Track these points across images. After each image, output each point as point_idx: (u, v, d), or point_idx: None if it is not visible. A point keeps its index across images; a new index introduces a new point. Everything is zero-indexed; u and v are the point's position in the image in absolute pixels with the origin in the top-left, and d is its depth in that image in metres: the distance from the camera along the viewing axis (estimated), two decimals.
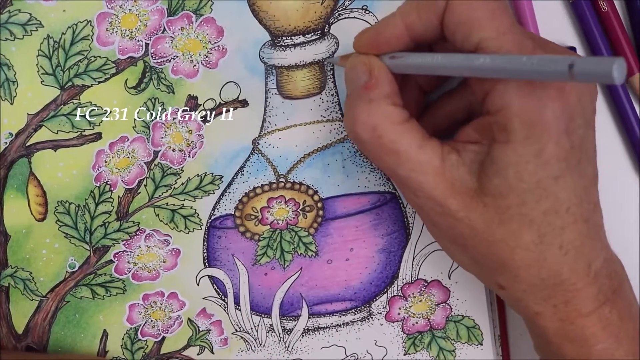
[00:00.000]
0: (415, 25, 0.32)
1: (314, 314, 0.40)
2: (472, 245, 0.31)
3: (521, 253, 0.30)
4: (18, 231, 0.38)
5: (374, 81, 0.32)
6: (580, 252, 0.31)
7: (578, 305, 0.31)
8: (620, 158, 0.41)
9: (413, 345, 0.41)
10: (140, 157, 0.38)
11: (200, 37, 0.37)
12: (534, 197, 0.30)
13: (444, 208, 0.31)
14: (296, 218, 0.39)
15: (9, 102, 0.37)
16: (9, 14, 0.36)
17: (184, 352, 0.40)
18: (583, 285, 0.31)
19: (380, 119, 0.31)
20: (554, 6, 0.40)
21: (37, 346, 0.39)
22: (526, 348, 0.42)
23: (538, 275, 0.31)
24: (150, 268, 0.39)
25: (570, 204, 0.30)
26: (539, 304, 0.32)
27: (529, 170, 0.29)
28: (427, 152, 0.31)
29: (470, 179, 0.31)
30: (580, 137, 0.30)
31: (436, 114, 0.37)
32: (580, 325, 0.31)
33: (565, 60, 0.25)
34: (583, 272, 0.31)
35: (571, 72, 0.25)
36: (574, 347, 0.32)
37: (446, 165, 0.31)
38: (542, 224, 0.30)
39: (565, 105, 0.29)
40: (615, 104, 0.40)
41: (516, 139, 0.29)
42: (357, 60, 0.33)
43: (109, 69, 0.37)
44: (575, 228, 0.30)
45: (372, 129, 0.31)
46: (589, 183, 0.31)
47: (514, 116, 0.29)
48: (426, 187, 0.31)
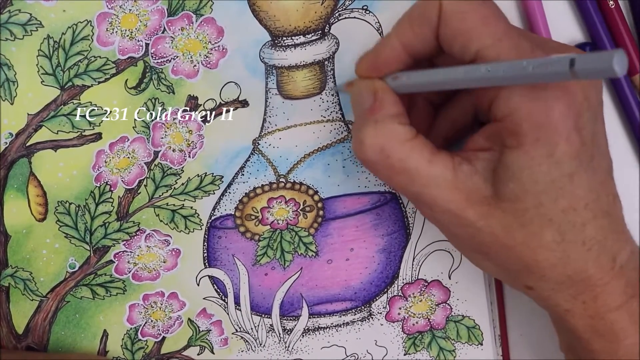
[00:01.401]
0: (411, 42, 0.32)
1: (314, 314, 0.40)
2: (495, 251, 0.31)
3: (544, 253, 0.30)
4: (18, 231, 0.38)
5: (379, 103, 0.32)
6: (604, 246, 0.31)
7: (607, 300, 0.31)
8: (624, 153, 0.41)
9: (413, 345, 0.41)
10: (140, 158, 0.38)
11: (200, 37, 0.37)
12: (551, 197, 0.29)
13: (462, 219, 0.31)
14: (296, 218, 0.39)
15: (9, 102, 0.37)
16: (9, 14, 0.36)
17: (184, 352, 0.40)
18: (610, 279, 0.31)
19: (386, 139, 0.31)
20: (559, 4, 0.40)
21: (38, 346, 0.39)
22: (526, 348, 0.42)
23: (564, 272, 0.31)
24: (150, 268, 0.39)
25: (588, 200, 0.30)
26: (569, 301, 0.32)
27: (542, 171, 0.29)
28: (437, 166, 0.31)
29: (484, 187, 0.31)
30: (591, 131, 0.30)
31: (443, 123, 0.37)
32: (610, 320, 0.31)
33: (564, 60, 0.25)
34: (608, 266, 0.31)
35: (572, 71, 0.25)
36: (603, 342, 0.32)
37: (459, 176, 0.31)
38: (562, 222, 0.30)
39: (571, 103, 0.29)
40: (619, 99, 0.40)
41: (527, 142, 0.29)
42: (361, 85, 0.33)
43: (109, 69, 0.37)
44: (596, 223, 0.30)
45: (380, 150, 0.31)
46: (604, 176, 0.31)
47: (522, 120, 0.29)
48: (441, 201, 0.31)
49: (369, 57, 0.33)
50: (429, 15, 0.31)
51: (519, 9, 0.40)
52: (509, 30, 0.30)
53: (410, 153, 0.31)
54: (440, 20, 0.30)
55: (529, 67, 0.27)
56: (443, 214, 0.32)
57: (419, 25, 0.31)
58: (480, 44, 0.29)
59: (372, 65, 0.33)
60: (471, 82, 0.29)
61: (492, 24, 0.30)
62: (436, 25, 0.31)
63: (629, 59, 0.39)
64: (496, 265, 0.33)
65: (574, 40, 0.40)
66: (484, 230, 0.31)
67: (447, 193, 0.31)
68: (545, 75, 0.26)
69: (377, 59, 0.33)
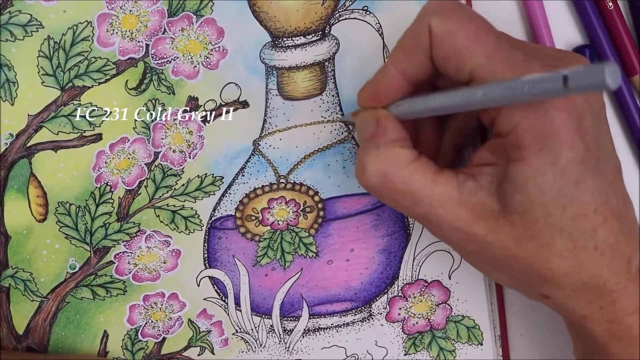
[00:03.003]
0: (408, 69, 0.32)
1: (314, 315, 0.40)
2: (508, 264, 0.31)
3: (557, 262, 0.30)
4: (19, 232, 0.38)
5: (381, 129, 0.32)
6: (616, 250, 0.30)
7: (624, 304, 0.31)
8: (624, 154, 0.41)
9: (413, 346, 0.41)
10: (140, 158, 0.38)
11: (200, 38, 0.37)
12: (559, 205, 0.29)
13: (471, 235, 0.31)
14: (297, 219, 0.39)
15: (10, 103, 0.37)
16: (9, 14, 0.36)
17: (185, 352, 0.40)
18: (626, 282, 0.31)
19: (388, 163, 0.31)
20: (558, 6, 0.40)
21: (38, 347, 0.39)
22: (526, 348, 0.42)
23: (579, 279, 0.31)
24: (150, 269, 0.39)
25: (597, 204, 0.30)
26: (585, 307, 0.31)
27: (548, 180, 0.29)
28: (442, 185, 0.31)
29: (491, 202, 0.31)
30: (594, 135, 0.30)
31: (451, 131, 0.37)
32: (628, 324, 0.31)
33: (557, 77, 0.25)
34: (623, 269, 0.31)
35: (566, 87, 0.25)
36: (621, 346, 0.32)
37: (464, 193, 0.31)
38: (573, 229, 0.30)
39: (572, 109, 0.29)
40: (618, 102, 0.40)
41: (530, 154, 0.29)
42: (365, 113, 0.34)
43: (110, 70, 0.37)
44: (607, 227, 0.30)
45: (383, 175, 0.31)
46: (612, 178, 0.31)
47: (525, 133, 0.29)
48: (448, 219, 0.31)
49: (369, 87, 0.34)
50: (421, 39, 0.31)
51: (520, 10, 0.40)
52: (499, 44, 0.29)
53: (412, 175, 0.31)
54: (431, 44, 0.30)
55: (524, 87, 0.27)
56: (452, 231, 0.31)
57: (413, 51, 0.31)
58: (473, 63, 0.29)
59: (373, 96, 0.33)
60: (471, 105, 0.29)
61: (483, 41, 0.29)
62: (429, 49, 0.31)
63: (628, 59, 0.40)
64: (510, 277, 0.33)
65: (573, 42, 0.40)
66: (494, 244, 0.31)
67: (453, 211, 0.31)
68: (539, 92, 0.26)
69: (377, 90, 0.33)
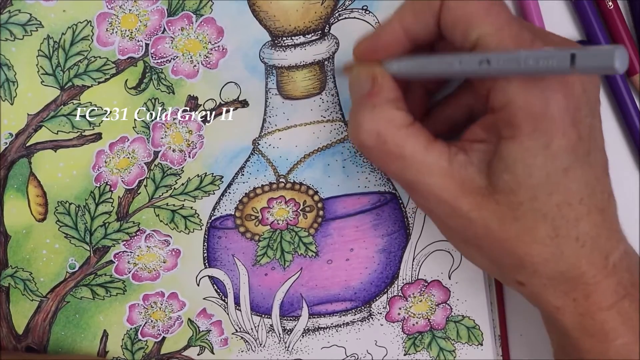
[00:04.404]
0: (412, 27, 0.32)
1: (314, 314, 0.40)
2: (488, 244, 0.31)
3: (538, 248, 0.30)
4: (18, 231, 0.38)
5: (377, 88, 0.32)
6: (597, 243, 0.31)
7: (598, 298, 0.31)
8: (621, 154, 0.41)
9: (413, 346, 0.41)
10: (140, 158, 0.38)
11: (200, 38, 0.37)
12: (545, 190, 0.29)
13: (456, 209, 0.31)
14: (296, 218, 0.39)
15: (9, 103, 0.37)
16: (9, 14, 0.36)
17: (184, 352, 0.40)
18: (602, 277, 0.31)
19: (384, 124, 0.31)
20: (556, 5, 0.40)
21: (37, 346, 0.39)
22: (526, 348, 0.42)
23: (557, 268, 0.31)
24: (150, 268, 0.39)
25: (582, 195, 0.30)
26: (560, 297, 0.31)
27: (537, 164, 0.29)
28: (433, 153, 0.31)
29: (479, 178, 0.30)
30: (588, 126, 0.30)
31: (438, 117, 0.37)
32: (600, 319, 0.31)
33: (565, 54, 0.25)
34: (601, 264, 0.31)
35: (573, 65, 0.25)
36: (593, 342, 0.31)
37: (454, 165, 0.31)
38: (556, 217, 0.30)
39: (569, 95, 0.29)
40: (616, 100, 0.40)
41: (523, 134, 0.29)
42: (360, 69, 0.33)
43: (109, 69, 0.37)
44: (590, 219, 0.30)
45: (377, 135, 0.31)
46: (600, 172, 0.31)
47: (519, 110, 0.29)
48: (435, 189, 0.31)
49: (368, 40, 0.33)
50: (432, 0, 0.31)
51: (516, 9, 0.40)
52: (510, 20, 0.29)
53: (407, 139, 0.31)
54: (442, 6, 0.30)
55: (529, 60, 0.26)
56: (437, 203, 0.31)
57: (422, 10, 0.31)
58: (481, 31, 0.29)
59: (372, 49, 0.33)
60: (470, 70, 0.29)
61: (495, 13, 0.29)
62: (438, 11, 0.30)
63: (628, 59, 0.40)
64: (489, 260, 0.33)
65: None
66: (477, 221, 0.31)
67: (441, 181, 0.31)
68: (544, 68, 0.26)
69: (377, 43, 0.33)
